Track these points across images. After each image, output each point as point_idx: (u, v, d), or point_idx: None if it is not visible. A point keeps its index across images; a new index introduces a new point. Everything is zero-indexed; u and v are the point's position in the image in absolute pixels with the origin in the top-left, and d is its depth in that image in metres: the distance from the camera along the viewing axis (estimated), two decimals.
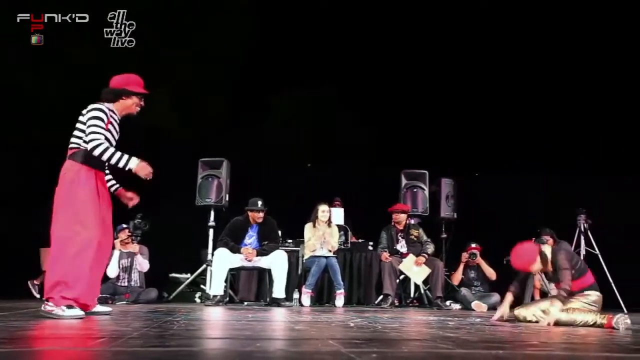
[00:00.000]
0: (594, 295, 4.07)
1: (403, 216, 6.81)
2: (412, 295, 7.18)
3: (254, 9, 7.56)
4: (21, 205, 7.37)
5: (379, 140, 8.46)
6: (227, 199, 6.94)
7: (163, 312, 4.32)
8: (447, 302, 6.53)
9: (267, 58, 7.99)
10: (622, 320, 3.61)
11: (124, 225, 6.00)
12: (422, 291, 6.97)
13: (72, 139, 3.57)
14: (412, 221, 6.99)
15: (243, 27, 7.60)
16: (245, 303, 6.54)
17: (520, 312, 4.31)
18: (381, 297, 6.56)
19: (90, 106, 3.57)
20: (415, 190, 7.41)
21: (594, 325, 3.74)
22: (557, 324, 3.84)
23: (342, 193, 7.89)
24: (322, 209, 6.60)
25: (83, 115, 3.57)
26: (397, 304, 6.60)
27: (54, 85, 7.24)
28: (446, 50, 7.98)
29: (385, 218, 7.04)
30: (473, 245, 6.84)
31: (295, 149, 8.53)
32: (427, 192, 7.44)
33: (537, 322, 4.07)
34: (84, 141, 3.51)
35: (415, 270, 6.45)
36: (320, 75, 7.99)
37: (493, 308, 6.34)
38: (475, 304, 6.33)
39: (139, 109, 3.82)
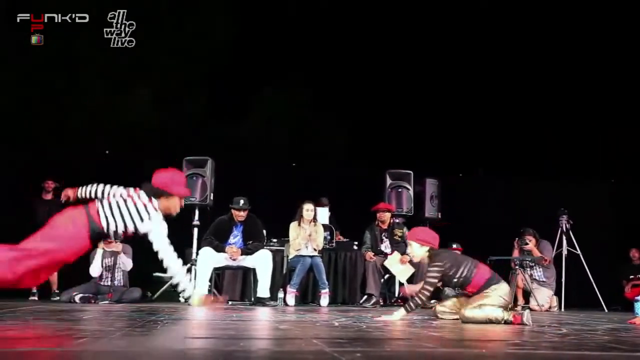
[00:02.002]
0: (501, 289, 4.04)
1: (387, 215, 6.81)
2: (396, 294, 7.20)
3: (234, 9, 7.56)
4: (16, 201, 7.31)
5: (363, 140, 8.49)
6: (211, 198, 6.91)
7: (147, 311, 4.29)
8: (432, 302, 6.55)
9: (250, 57, 7.99)
10: (529, 316, 3.75)
11: None
12: (407, 290, 6.98)
13: (99, 196, 3.52)
14: (397, 220, 6.99)
15: (224, 26, 7.60)
16: (230, 302, 6.51)
17: (437, 308, 4.37)
18: (365, 296, 6.58)
19: (152, 208, 3.53)
20: (400, 190, 7.43)
21: (503, 322, 3.77)
22: (470, 321, 3.84)
23: (327, 192, 7.90)
24: (307, 208, 6.57)
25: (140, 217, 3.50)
26: (381, 303, 6.60)
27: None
28: (431, 51, 8.04)
29: (369, 218, 7.06)
30: (454, 246, 6.86)
31: (279, 148, 8.53)
32: (411, 192, 7.47)
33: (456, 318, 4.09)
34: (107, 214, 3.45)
35: (400, 268, 6.46)
36: (303, 74, 8.00)
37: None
38: None
39: (178, 209, 3.78)
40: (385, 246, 6.77)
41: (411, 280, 6.64)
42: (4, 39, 6.98)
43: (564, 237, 7.27)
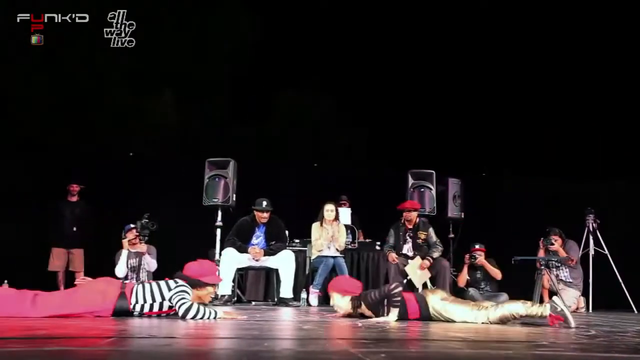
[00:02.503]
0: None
1: (413, 214, 6.64)
2: (420, 291, 7.15)
3: (256, 10, 7.59)
4: (31, 206, 7.44)
5: (384, 140, 8.46)
6: (234, 199, 6.95)
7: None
8: None
9: (272, 58, 8.02)
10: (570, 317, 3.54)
11: (132, 225, 6.01)
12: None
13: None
14: (424, 220, 6.84)
15: (246, 28, 7.63)
16: (253, 303, 6.54)
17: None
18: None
19: (178, 283, 3.62)
20: (422, 190, 7.36)
21: (537, 315, 3.63)
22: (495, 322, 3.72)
23: (349, 193, 7.90)
24: (328, 208, 6.57)
25: (167, 288, 3.62)
26: None
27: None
28: (454, 51, 7.99)
29: (392, 218, 7.01)
30: (477, 247, 6.75)
31: (301, 148, 8.54)
32: (434, 192, 7.40)
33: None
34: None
35: (418, 273, 6.41)
36: (324, 75, 8.00)
37: None
38: None
39: (211, 298, 3.88)
40: (408, 249, 6.66)
41: (433, 281, 6.60)
42: (23, 41, 7.05)
43: (590, 237, 7.15)
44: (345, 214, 7.26)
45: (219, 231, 6.88)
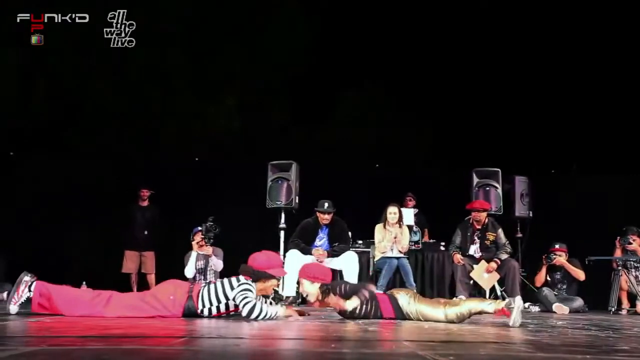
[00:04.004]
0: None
1: (483, 215, 6.42)
2: (487, 297, 6.96)
3: (314, 13, 7.62)
4: (106, 211, 7.81)
5: (447, 139, 8.30)
6: (296, 201, 7.01)
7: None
8: (526, 304, 6.27)
9: (331, 60, 8.03)
10: (518, 317, 3.60)
11: (199, 228, 6.18)
12: (498, 293, 6.74)
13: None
14: (493, 221, 6.57)
15: (305, 31, 7.67)
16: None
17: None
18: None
19: (240, 281, 3.70)
20: (487, 188, 7.17)
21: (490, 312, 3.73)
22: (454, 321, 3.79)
23: (411, 193, 7.81)
24: (391, 211, 6.51)
25: (230, 286, 3.71)
26: None
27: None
28: (519, 45, 7.74)
29: (456, 218, 6.86)
30: (557, 246, 6.46)
31: (363, 149, 8.52)
32: (500, 191, 7.19)
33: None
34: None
35: (485, 277, 6.23)
36: (385, 75, 7.94)
37: (575, 311, 6.06)
38: (556, 306, 6.05)
39: (275, 290, 3.97)
40: (475, 250, 6.49)
41: (502, 282, 6.42)
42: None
43: None
44: (409, 214, 7.17)
45: (282, 233, 6.96)
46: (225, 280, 3.76)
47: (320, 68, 7.94)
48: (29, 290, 3.50)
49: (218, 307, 3.69)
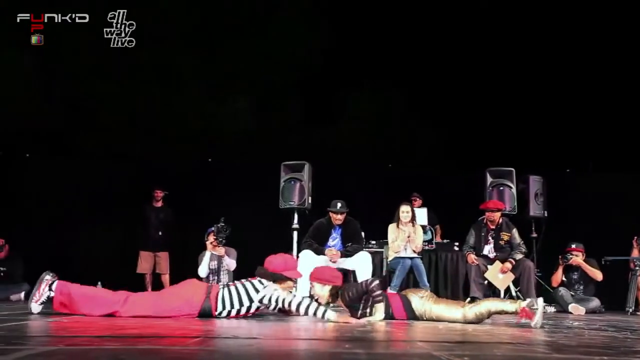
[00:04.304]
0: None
1: (497, 215, 6.39)
2: (501, 297, 6.91)
3: (326, 12, 7.61)
4: (121, 212, 7.87)
5: (460, 138, 8.25)
6: (309, 201, 7.02)
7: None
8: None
9: (343, 60, 8.01)
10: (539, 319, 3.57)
11: (212, 228, 6.21)
12: (513, 293, 6.69)
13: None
14: (507, 221, 6.53)
15: (317, 30, 7.66)
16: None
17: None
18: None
19: (264, 284, 3.74)
20: (501, 188, 7.12)
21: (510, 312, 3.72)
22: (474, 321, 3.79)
23: (424, 193, 7.78)
24: (403, 210, 6.48)
25: (254, 289, 3.74)
26: None
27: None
28: (531, 43, 7.67)
29: (469, 218, 6.83)
30: (573, 246, 6.39)
31: (376, 149, 8.50)
32: (514, 191, 7.14)
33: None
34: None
35: (500, 277, 6.19)
36: (397, 75, 7.91)
37: (592, 312, 6.00)
38: (572, 307, 5.99)
39: (291, 290, 4.01)
40: (489, 250, 6.45)
41: (517, 283, 6.37)
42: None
43: None
44: (422, 214, 7.15)
45: (295, 234, 6.97)
46: (247, 283, 3.78)
47: (333, 68, 7.93)
48: (50, 289, 3.54)
49: (238, 310, 3.72)
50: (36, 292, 3.55)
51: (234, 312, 3.71)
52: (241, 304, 3.70)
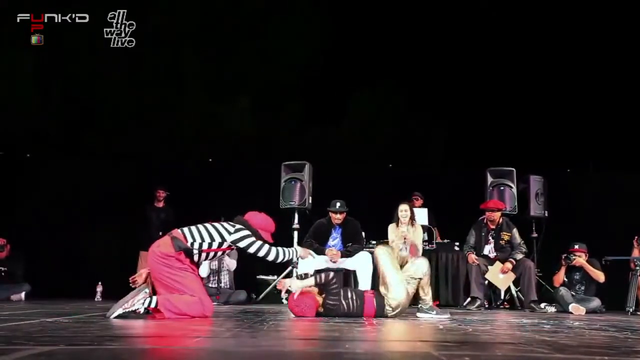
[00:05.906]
0: None
1: (497, 214, 6.42)
2: (502, 297, 6.91)
3: (327, 13, 7.62)
4: (122, 212, 7.87)
5: (461, 138, 8.26)
6: (310, 201, 7.02)
7: (252, 313, 4.43)
8: (542, 305, 6.20)
9: (345, 60, 8.02)
10: None
11: None
12: (514, 293, 6.69)
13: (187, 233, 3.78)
14: (508, 221, 6.55)
15: (318, 30, 7.67)
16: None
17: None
18: (469, 299, 6.37)
19: (236, 227, 3.83)
20: (502, 188, 7.12)
21: None
22: None
23: (425, 193, 7.77)
24: (402, 209, 6.44)
25: (226, 231, 3.80)
26: (486, 306, 6.37)
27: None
28: (531, 44, 7.67)
29: (470, 218, 6.83)
30: (576, 247, 6.37)
31: (376, 150, 8.51)
32: (514, 190, 7.13)
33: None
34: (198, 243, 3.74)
35: (501, 277, 6.18)
36: (398, 75, 7.92)
37: (592, 312, 5.99)
38: (573, 307, 5.98)
39: None
40: (490, 250, 6.45)
41: (517, 283, 6.36)
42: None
43: None
44: (422, 214, 7.13)
45: (295, 234, 6.97)
46: (217, 224, 3.83)
47: (334, 68, 7.94)
48: (142, 304, 3.51)
49: (210, 244, 3.74)
50: (130, 299, 3.49)
51: (205, 245, 3.73)
52: (212, 239, 3.74)
